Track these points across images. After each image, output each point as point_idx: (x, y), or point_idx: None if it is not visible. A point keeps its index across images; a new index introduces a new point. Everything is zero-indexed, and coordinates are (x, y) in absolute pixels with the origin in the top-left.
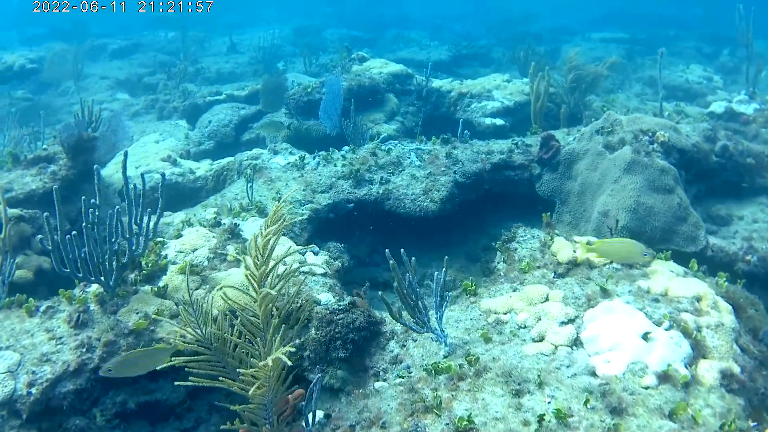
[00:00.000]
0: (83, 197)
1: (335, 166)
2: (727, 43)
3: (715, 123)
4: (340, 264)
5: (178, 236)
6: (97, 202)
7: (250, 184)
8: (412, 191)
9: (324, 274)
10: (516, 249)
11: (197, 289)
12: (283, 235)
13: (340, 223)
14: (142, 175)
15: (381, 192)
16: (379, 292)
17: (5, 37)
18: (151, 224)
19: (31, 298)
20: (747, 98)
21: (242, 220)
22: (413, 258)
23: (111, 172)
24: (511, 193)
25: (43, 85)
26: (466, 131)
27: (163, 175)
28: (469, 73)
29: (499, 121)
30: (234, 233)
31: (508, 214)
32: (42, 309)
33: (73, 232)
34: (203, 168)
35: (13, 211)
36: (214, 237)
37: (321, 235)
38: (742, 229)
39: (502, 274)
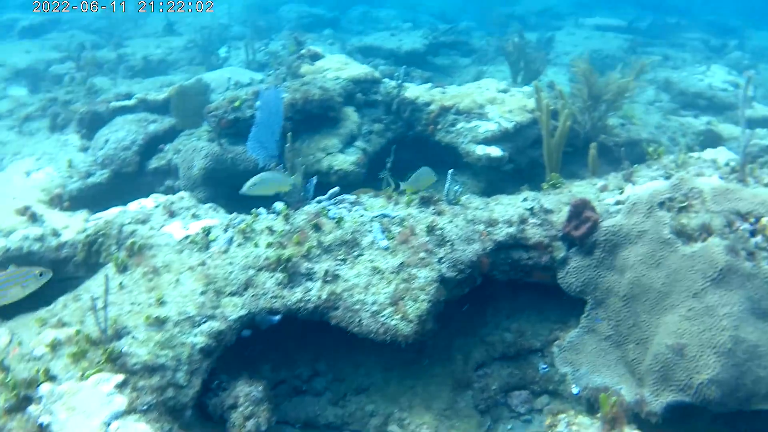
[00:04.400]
0: None
1: (256, 246)
2: (732, 34)
3: None
4: (253, 426)
5: None
6: None
7: (100, 296)
8: (373, 298)
9: None
10: None
11: None
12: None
13: (261, 337)
14: None
15: (324, 297)
16: None
17: None
18: None
19: None
20: None
21: (78, 378)
22: None
23: None
24: (521, 280)
25: None
26: (457, 187)
27: None
28: (447, 64)
29: (495, 151)
30: None
31: (516, 305)
32: None
33: None
34: (75, 226)
35: None
36: None
37: (228, 367)
38: None
39: None
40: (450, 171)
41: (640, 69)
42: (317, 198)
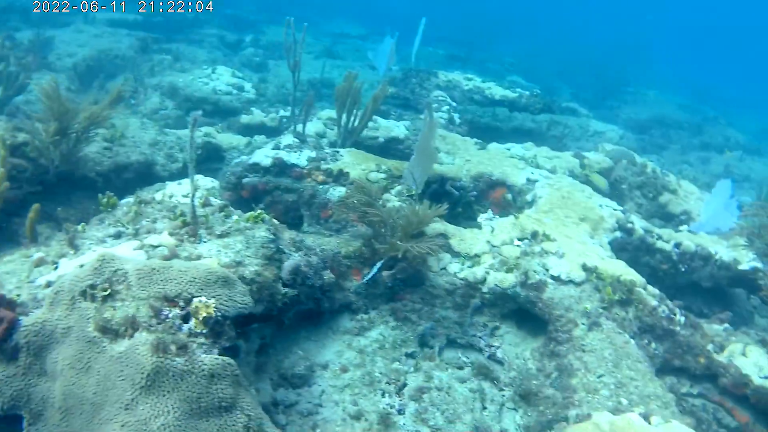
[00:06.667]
0: None
1: None
2: (250, 29)
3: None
4: None
5: None
6: None
7: None
8: None
9: None
10: None
11: None
12: None
13: None
14: None
15: None
16: None
17: None
18: None
19: None
20: (297, 142)
21: None
22: None
23: None
24: None
25: None
26: None
27: None
28: None
29: None
30: None
31: None
32: None
33: None
34: None
35: None
36: None
37: None
38: (329, 387)
39: None
40: None
41: (116, 94)
42: None
